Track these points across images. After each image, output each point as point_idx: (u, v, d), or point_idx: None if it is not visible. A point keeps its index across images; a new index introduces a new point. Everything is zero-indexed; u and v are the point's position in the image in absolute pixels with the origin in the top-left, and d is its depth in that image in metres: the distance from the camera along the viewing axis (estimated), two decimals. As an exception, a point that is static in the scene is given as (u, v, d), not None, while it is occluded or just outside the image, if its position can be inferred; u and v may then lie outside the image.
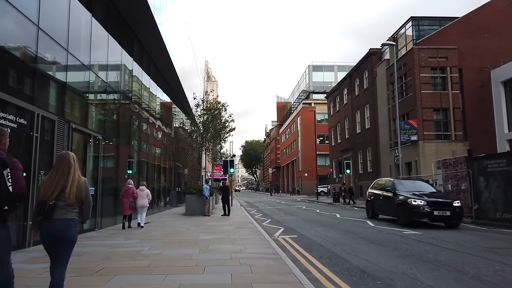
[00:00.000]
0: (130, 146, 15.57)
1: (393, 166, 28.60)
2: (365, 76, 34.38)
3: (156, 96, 19.60)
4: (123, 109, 14.53)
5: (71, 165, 3.51)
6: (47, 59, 8.87)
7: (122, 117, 14.44)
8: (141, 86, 16.75)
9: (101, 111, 12.22)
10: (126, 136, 14.73)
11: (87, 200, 3.59)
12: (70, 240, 3.45)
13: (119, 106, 14.00)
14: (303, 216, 17.38)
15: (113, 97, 13.27)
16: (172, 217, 16.42)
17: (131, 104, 15.26)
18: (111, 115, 13.23)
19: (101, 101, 12.26)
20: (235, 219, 15.38)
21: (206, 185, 17.24)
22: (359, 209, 23.31)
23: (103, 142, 11.79)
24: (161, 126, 20.66)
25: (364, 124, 34.43)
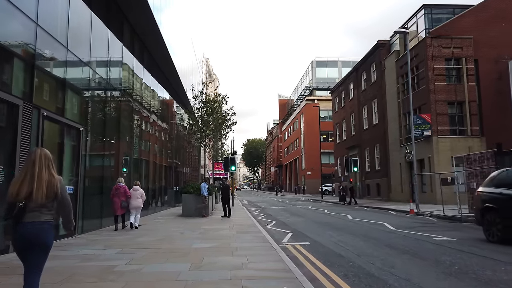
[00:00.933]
0: (123, 142, 14.10)
1: (403, 163, 27.04)
2: (373, 69, 32.77)
3: (151, 88, 18.08)
4: (113, 100, 13.05)
5: (40, 162, 3.24)
6: (10, 31, 7.37)
7: (112, 109, 12.96)
8: (135, 76, 15.24)
9: (84, 100, 10.70)
10: (116, 130, 13.24)
11: (64, 202, 3.29)
12: (45, 245, 3.18)
13: (108, 96, 12.51)
14: (311, 217, 15.85)
15: (99, 85, 11.76)
16: (167, 219, 14.92)
17: (123, 95, 13.76)
18: (97, 105, 11.73)
19: (85, 88, 10.74)
20: (237, 221, 13.87)
21: (205, 184, 15.74)
22: (368, 209, 21.81)
23: (86, 135, 10.29)
24: (158, 121, 19.17)
25: (371, 120, 32.85)
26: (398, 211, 19.15)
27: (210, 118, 18.64)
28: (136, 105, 15.63)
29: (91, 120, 10.96)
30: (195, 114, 19.14)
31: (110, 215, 12.34)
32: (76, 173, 9.84)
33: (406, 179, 26.83)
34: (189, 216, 15.73)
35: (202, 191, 15.46)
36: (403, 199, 26.79)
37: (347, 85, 39.35)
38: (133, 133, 15.32)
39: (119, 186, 10.80)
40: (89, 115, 10.83)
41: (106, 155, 12.38)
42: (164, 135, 21.04)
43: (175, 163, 25.02)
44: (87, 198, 10.43)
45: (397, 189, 27.94)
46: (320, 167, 41.45)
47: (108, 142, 12.65)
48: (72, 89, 10.02)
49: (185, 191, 16.31)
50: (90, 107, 10.96)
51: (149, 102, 17.86)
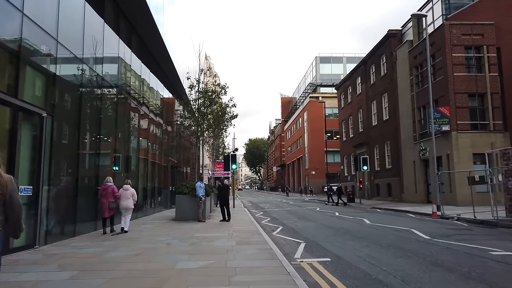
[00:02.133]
0: (107, 137, 12.20)
1: (418, 161, 25.03)
2: (383, 61, 30.76)
3: (142, 77, 16.18)
4: (92, 86, 11.12)
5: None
6: None
7: (90, 97, 11.04)
8: (121, 61, 13.32)
9: (50, 81, 8.76)
10: (96, 122, 11.34)
11: (13, 205, 2.78)
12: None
13: (85, 80, 10.59)
14: (322, 221, 13.88)
15: (72, 64, 9.83)
16: (157, 224, 12.99)
17: (106, 80, 11.84)
18: (70, 89, 9.80)
19: (52, 67, 8.81)
20: (237, 226, 11.92)
21: (201, 183, 13.80)
22: (383, 211, 19.84)
23: (51, 123, 8.37)
24: (150, 114, 17.25)
25: (381, 116, 30.84)
26: (417, 214, 17.18)
27: (208, 110, 16.68)
28: (123, 94, 13.72)
29: (60, 106, 9.04)
30: (192, 106, 17.16)
31: (87, 219, 10.47)
32: (37, 170, 7.91)
33: (421, 178, 24.83)
34: (183, 220, 13.81)
35: (197, 191, 13.53)
36: (417, 200, 24.80)
37: (354, 79, 37.34)
38: (120, 127, 13.42)
39: (107, 186, 9.87)
40: (57, 100, 8.90)
41: (83, 150, 10.46)
42: (159, 131, 19.12)
43: (172, 161, 23.10)
44: (54, 201, 8.51)
45: (411, 189, 25.94)
46: (326, 166, 39.37)
47: (87, 135, 10.73)
48: (32, 66, 8.10)
49: (179, 191, 14.38)
50: (58, 90, 9.02)
51: (140, 91, 15.94)
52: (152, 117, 17.54)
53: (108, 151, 12.67)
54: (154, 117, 17.87)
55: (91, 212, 10.79)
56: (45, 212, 8.08)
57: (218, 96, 17.08)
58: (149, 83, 17.02)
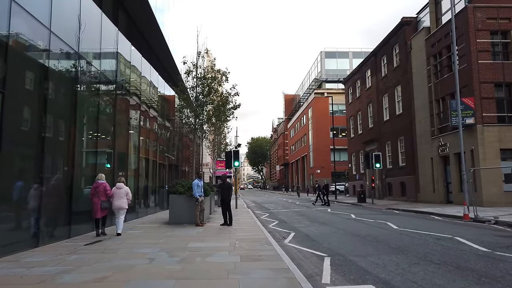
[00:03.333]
0: (87, 126, 10.33)
1: (436, 158, 23.00)
2: (395, 52, 28.73)
3: (134, 66, 14.26)
4: (62, 62, 9.22)
5: None
6: None
7: (62, 78, 9.13)
8: (104, 37, 11.41)
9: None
10: (71, 107, 9.43)
11: None
12: None
13: (56, 56, 8.68)
14: (340, 225, 11.91)
15: (40, 38, 7.91)
16: (147, 228, 11.07)
17: (83, 60, 9.94)
18: (29, 66, 7.88)
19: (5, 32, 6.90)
20: (241, 232, 9.99)
21: (198, 181, 11.86)
22: (401, 212, 17.85)
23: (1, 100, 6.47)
24: (142, 105, 15.35)
25: (393, 110, 28.81)
26: (443, 216, 15.19)
27: (207, 100, 14.71)
28: (107, 79, 11.81)
29: (15, 82, 7.12)
30: (188, 94, 15.18)
31: (58, 224, 8.57)
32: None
33: (440, 176, 22.80)
34: (178, 224, 11.90)
35: (194, 191, 11.60)
36: (435, 200, 22.79)
37: (363, 72, 35.30)
38: (106, 117, 11.52)
39: (99, 183, 9.16)
40: (9, 73, 6.97)
41: (50, 139, 8.54)
42: (155, 125, 17.22)
43: (170, 158, 21.19)
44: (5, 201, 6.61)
45: (428, 188, 23.92)
46: (333, 164, 37.32)
47: (56, 121, 8.82)
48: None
49: (173, 191, 12.44)
50: (12, 63, 7.09)
51: (130, 79, 14.02)
52: (145, 109, 15.62)
53: (108, 150, 10.78)
54: (147, 108, 15.94)
55: (54, 216, 8.90)
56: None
57: (218, 83, 15.11)
58: (141, 72, 15.08)
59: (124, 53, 13.21)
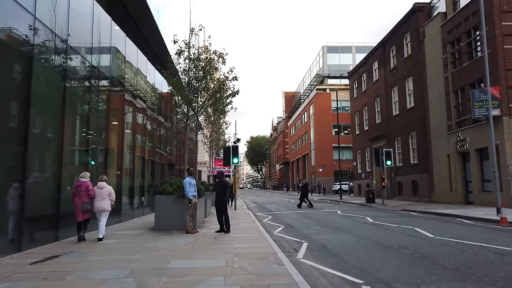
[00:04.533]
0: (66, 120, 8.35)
1: (454, 155, 21.02)
2: (406, 41, 26.75)
3: (115, 48, 12.23)
4: (45, 46, 7.23)
5: None
6: None
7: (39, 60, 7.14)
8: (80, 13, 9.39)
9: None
10: (45, 98, 7.44)
11: None
12: None
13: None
14: (361, 232, 9.89)
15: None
16: (126, 237, 9.06)
17: (57, 37, 7.93)
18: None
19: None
20: (241, 242, 8.00)
21: (191, 179, 9.85)
22: (420, 215, 15.88)
23: None
24: (127, 94, 13.34)
25: (404, 103, 26.83)
26: (473, 219, 13.21)
27: (201, 85, 12.67)
28: (85, 61, 9.80)
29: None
30: (180, 78, 13.10)
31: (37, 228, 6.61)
32: None
33: (458, 174, 20.83)
34: (165, 230, 9.91)
35: (186, 190, 9.59)
36: (452, 200, 20.82)
37: (370, 64, 33.31)
38: (87, 108, 9.54)
39: (80, 182, 8.23)
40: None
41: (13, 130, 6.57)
42: (144, 117, 15.21)
43: (162, 155, 19.17)
44: None
45: (444, 188, 21.95)
46: (338, 163, 35.35)
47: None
48: None
49: (160, 190, 10.41)
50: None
51: (112, 64, 11.99)
52: (130, 98, 13.59)
53: (92, 146, 8.78)
54: (133, 99, 13.90)
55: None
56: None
57: (214, 67, 13.06)
58: (125, 56, 13.04)
59: (103, 32, 11.18)
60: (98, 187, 8.50)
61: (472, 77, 19.46)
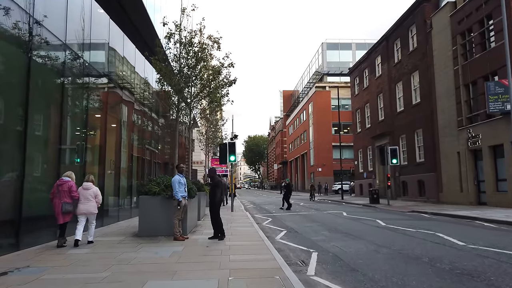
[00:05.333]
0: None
1: (464, 152, 19.77)
2: (412, 33, 25.51)
3: (96, 29, 10.87)
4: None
5: None
6: None
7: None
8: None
9: None
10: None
11: None
12: None
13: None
14: (377, 239, 8.57)
15: None
16: (102, 245, 7.71)
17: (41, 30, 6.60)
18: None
19: None
20: (237, 253, 6.68)
21: (180, 177, 8.51)
22: (434, 217, 14.60)
23: None
24: (109, 84, 11.98)
25: (409, 99, 25.59)
26: (495, 222, 11.94)
27: (193, 73, 11.30)
28: (62, 45, 8.45)
29: None
30: (169, 65, 11.70)
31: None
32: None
33: (469, 173, 19.57)
34: (150, 236, 8.58)
35: (175, 190, 8.25)
36: (463, 201, 19.58)
37: (372, 59, 32.04)
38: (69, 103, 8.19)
39: (63, 181, 7.48)
40: None
41: None
42: (131, 111, 13.85)
43: (154, 152, 17.81)
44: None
45: (453, 188, 20.70)
46: (339, 162, 34.09)
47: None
48: None
49: (145, 190, 9.06)
50: None
51: (92, 49, 10.63)
52: (116, 90, 12.22)
53: (78, 143, 7.42)
54: (119, 90, 12.52)
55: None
56: None
57: (209, 53, 11.68)
58: (109, 42, 11.67)
59: (87, 16, 9.83)
60: (84, 188, 7.81)
61: (485, 70, 18.23)
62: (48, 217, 7.78)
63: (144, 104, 15.63)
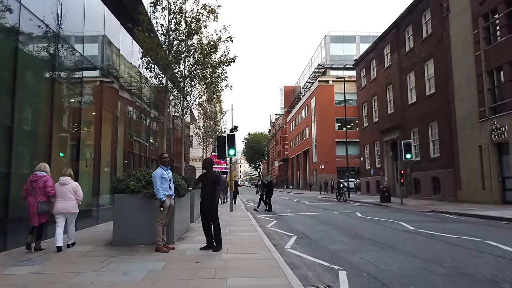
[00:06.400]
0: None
1: (487, 146, 17.93)
2: (426, 19, 23.63)
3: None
4: None
5: None
6: None
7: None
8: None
9: None
10: None
11: None
12: None
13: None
14: (415, 250, 6.74)
15: None
16: (60, 259, 5.90)
17: None
18: None
19: None
20: (237, 275, 4.88)
21: (164, 171, 6.67)
22: (462, 218, 12.78)
23: None
24: (86, 70, 10.12)
25: (422, 90, 23.74)
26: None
27: (184, 47, 9.44)
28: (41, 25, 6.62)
29: None
30: (158, 39, 9.81)
31: None
32: None
33: (492, 169, 17.73)
34: (127, 245, 6.77)
35: (156, 188, 6.43)
36: (486, 199, 17.74)
37: (380, 49, 30.16)
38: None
39: (37, 176, 6.38)
40: None
41: None
42: (114, 97, 12.01)
43: (146, 146, 15.99)
44: None
45: (473, 185, 18.87)
46: (346, 158, 32.24)
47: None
48: None
49: (122, 187, 7.23)
50: None
51: (65, 20, 8.77)
52: (94, 72, 10.37)
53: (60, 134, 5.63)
54: (98, 73, 10.67)
55: None
56: None
57: (204, 25, 9.81)
58: (85, 18, 9.81)
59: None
60: (61, 183, 6.73)
61: (504, 57, 16.39)
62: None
63: (131, 92, 13.78)
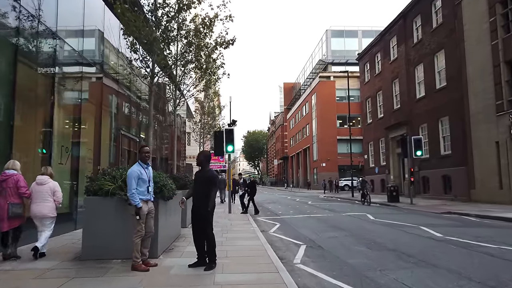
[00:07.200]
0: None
1: (505, 142, 16.61)
2: (436, 8, 22.28)
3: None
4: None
5: None
6: None
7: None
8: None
9: None
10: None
11: None
12: None
13: None
14: (464, 268, 5.42)
15: None
16: (7, 282, 4.52)
17: None
18: None
19: None
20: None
21: (141, 168, 5.31)
22: (475, 218, 11.45)
23: None
24: (78, 56, 8.75)
25: (432, 83, 22.41)
26: None
27: (175, 23, 8.09)
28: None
29: None
30: (145, 15, 8.44)
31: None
32: None
33: (511, 166, 16.44)
34: (99, 260, 5.42)
35: (131, 192, 5.08)
36: (503, 199, 16.44)
37: (386, 42, 28.80)
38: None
39: (7, 175, 5.70)
40: None
41: None
42: (96, 83, 10.66)
43: (132, 139, 14.63)
44: None
45: (489, 184, 17.57)
46: (350, 156, 30.90)
47: None
48: None
49: (94, 188, 5.87)
50: None
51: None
52: (75, 57, 9.00)
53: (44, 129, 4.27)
54: (79, 57, 9.30)
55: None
56: None
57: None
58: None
59: None
60: (38, 183, 6.00)
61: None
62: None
63: (117, 80, 12.40)
